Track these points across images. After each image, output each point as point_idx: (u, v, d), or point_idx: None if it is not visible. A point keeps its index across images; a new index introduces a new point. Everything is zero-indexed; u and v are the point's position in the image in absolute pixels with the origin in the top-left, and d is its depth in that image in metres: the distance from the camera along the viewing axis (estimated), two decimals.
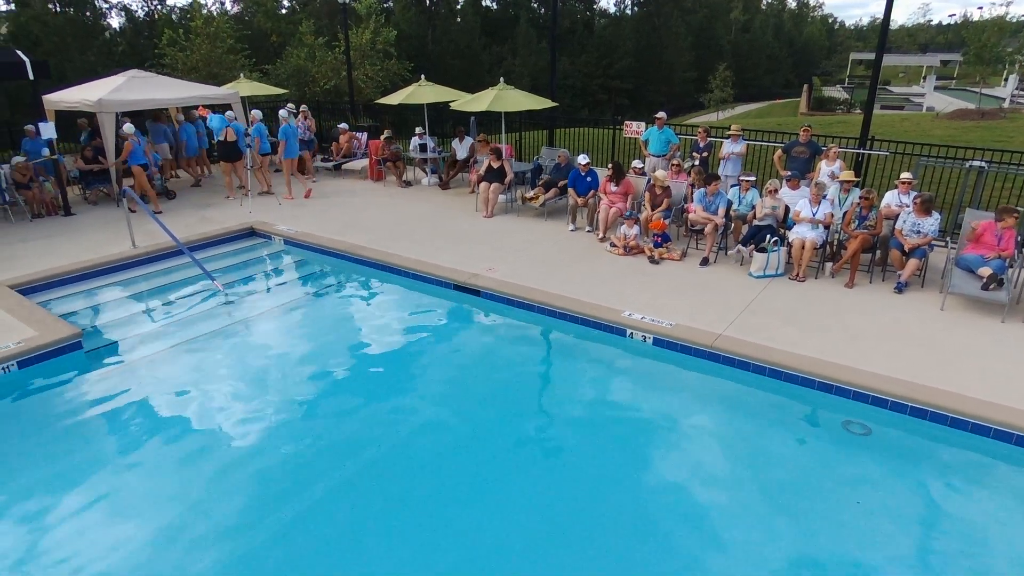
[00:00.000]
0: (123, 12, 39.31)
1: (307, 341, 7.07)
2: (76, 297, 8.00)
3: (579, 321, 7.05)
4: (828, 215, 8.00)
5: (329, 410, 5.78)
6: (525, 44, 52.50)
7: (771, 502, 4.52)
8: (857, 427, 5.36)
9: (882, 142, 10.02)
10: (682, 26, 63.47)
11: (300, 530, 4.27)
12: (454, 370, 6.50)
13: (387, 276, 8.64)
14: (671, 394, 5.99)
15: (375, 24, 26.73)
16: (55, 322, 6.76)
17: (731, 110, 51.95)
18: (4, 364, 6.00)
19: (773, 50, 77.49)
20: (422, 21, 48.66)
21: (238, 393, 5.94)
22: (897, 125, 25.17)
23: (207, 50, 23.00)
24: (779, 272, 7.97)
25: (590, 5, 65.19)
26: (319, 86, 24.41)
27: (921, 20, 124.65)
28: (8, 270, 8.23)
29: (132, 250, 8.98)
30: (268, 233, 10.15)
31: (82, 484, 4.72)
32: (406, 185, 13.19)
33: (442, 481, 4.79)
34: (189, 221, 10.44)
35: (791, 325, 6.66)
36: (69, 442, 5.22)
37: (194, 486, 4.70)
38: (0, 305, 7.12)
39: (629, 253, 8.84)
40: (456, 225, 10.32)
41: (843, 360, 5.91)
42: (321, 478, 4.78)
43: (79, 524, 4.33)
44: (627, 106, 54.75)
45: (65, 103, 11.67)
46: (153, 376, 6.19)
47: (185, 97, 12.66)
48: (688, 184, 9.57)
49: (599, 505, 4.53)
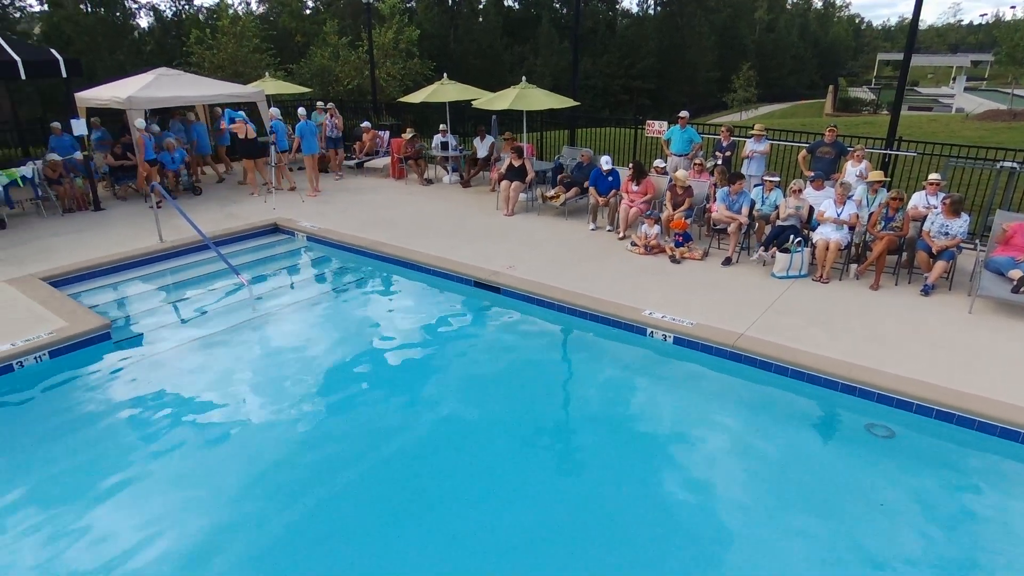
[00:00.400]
0: (151, 12, 40.02)
1: (329, 336, 7.15)
2: (105, 289, 8.18)
3: (599, 319, 7.04)
4: (853, 216, 7.90)
5: (350, 404, 5.84)
6: (547, 44, 52.45)
7: (792, 504, 4.48)
8: (880, 430, 5.29)
9: (910, 143, 9.86)
10: (705, 25, 62.92)
11: (320, 520, 4.34)
12: (474, 366, 6.53)
13: (408, 272, 8.71)
14: (692, 394, 5.96)
15: (398, 24, 26.90)
16: (85, 313, 6.92)
17: (754, 110, 51.40)
18: (36, 353, 6.17)
19: (798, 50, 76.48)
20: (444, 20, 48.83)
21: (261, 386, 6.03)
22: (925, 126, 24.74)
23: (233, 49, 23.31)
24: (802, 273, 7.88)
25: (612, 5, 64.92)
26: (342, 85, 24.61)
27: (951, 20, 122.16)
28: (41, 263, 8.44)
29: (159, 244, 9.16)
30: (291, 229, 10.28)
31: (109, 470, 4.82)
32: (427, 183, 13.27)
33: (461, 476, 4.82)
34: (215, 217, 10.61)
35: (814, 326, 6.59)
36: (97, 430, 5.35)
37: (216, 474, 4.79)
38: (33, 296, 7.31)
39: (650, 252, 8.81)
40: (477, 223, 10.36)
41: (867, 362, 5.84)
42: (341, 470, 4.84)
43: (106, 508, 4.43)
44: (649, 106, 54.41)
45: (96, 101, 11.92)
46: (179, 367, 6.31)
47: (211, 95, 12.88)
48: (711, 184, 9.51)
49: (619, 504, 4.52)
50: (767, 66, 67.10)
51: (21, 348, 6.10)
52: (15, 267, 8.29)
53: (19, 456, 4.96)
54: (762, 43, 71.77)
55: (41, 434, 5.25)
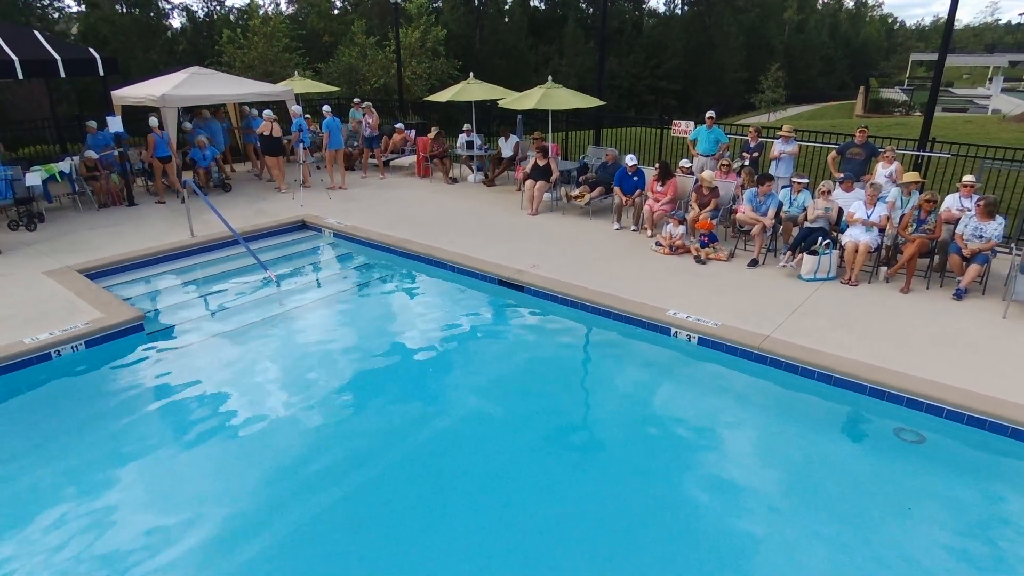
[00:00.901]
0: (184, 12, 40.85)
1: (354, 331, 7.25)
2: (138, 282, 8.39)
3: (623, 319, 7.03)
4: (883, 217, 7.77)
5: (374, 398, 5.92)
6: (572, 44, 52.30)
7: (818, 508, 4.43)
8: (910, 434, 5.21)
9: (943, 144, 9.67)
10: (733, 25, 62.20)
11: (345, 511, 4.41)
12: (497, 364, 6.56)
13: (433, 270, 8.78)
14: (716, 395, 5.93)
15: (425, 24, 27.11)
16: (120, 305, 7.10)
17: (783, 111, 50.66)
18: (74, 343, 6.35)
19: (828, 51, 75.16)
20: (470, 20, 48.98)
21: (287, 379, 6.14)
22: (960, 127, 24.19)
23: (263, 48, 23.72)
24: (830, 275, 7.78)
25: (639, 5, 64.52)
26: (369, 84, 24.89)
27: (988, 19, 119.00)
28: (77, 255, 8.68)
29: (191, 239, 9.36)
30: (319, 226, 10.43)
31: (140, 456, 4.96)
32: (452, 182, 13.35)
33: (483, 471, 4.86)
34: (245, 213, 10.80)
35: (842, 329, 6.50)
36: (130, 418, 5.49)
37: (242, 464, 4.89)
38: (70, 288, 7.53)
39: (675, 253, 8.76)
40: (501, 222, 10.40)
41: (896, 366, 5.74)
42: (366, 463, 4.91)
43: (136, 493, 4.57)
44: (674, 107, 53.98)
45: (131, 99, 12.20)
46: (208, 359, 6.45)
47: (242, 93, 13.11)
48: (737, 184, 9.42)
49: (642, 503, 4.51)
50: (796, 67, 66.09)
51: (59, 337, 6.29)
52: (53, 259, 8.54)
53: (57, 441, 5.12)
54: (791, 43, 70.69)
55: (77, 421, 5.41)
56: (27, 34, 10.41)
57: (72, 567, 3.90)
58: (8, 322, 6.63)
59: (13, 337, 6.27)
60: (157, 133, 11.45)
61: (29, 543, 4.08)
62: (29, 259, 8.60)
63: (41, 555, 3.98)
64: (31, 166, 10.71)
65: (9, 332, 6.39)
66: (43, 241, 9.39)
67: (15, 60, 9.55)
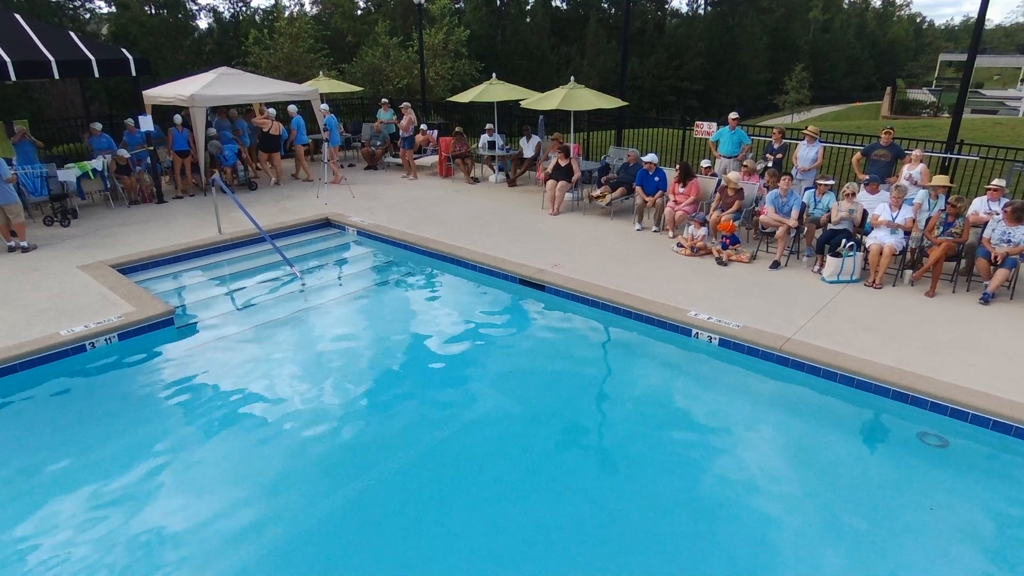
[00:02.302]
0: (211, 13, 41.53)
1: (377, 327, 7.36)
2: (168, 277, 8.59)
3: (643, 319, 7.05)
4: (909, 220, 7.69)
5: (395, 395, 6.01)
6: (594, 44, 52.22)
7: (840, 511, 4.42)
8: (933, 439, 5.17)
9: (972, 146, 9.53)
10: (757, 26, 61.61)
11: (365, 505, 4.49)
12: (517, 362, 6.63)
13: (455, 268, 8.87)
14: (736, 396, 5.92)
15: (448, 25, 27.26)
16: (151, 299, 7.29)
17: (806, 112, 50.09)
18: (107, 335, 6.54)
19: (854, 51, 74.08)
20: (492, 21, 49.13)
21: (311, 373, 6.26)
22: (989, 129, 23.72)
23: (289, 49, 24.02)
24: (854, 278, 7.72)
25: (661, 5, 64.22)
26: (392, 84, 25.09)
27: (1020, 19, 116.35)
28: (109, 250, 8.92)
29: (219, 236, 9.56)
30: (342, 224, 10.58)
31: (170, 447, 5.11)
32: (474, 182, 13.44)
33: (501, 469, 4.92)
34: (270, 211, 10.99)
35: (865, 332, 6.46)
36: (159, 408, 5.65)
37: (265, 457, 5.00)
38: (103, 282, 7.74)
39: (696, 254, 8.75)
40: (522, 221, 10.46)
41: (920, 369, 5.70)
42: (386, 457, 5.00)
43: (163, 482, 4.71)
44: (696, 108, 53.67)
45: (161, 98, 12.47)
46: (235, 353, 6.60)
47: (269, 93, 13.32)
48: (760, 186, 9.38)
49: (661, 504, 4.52)
50: (821, 67, 65.32)
51: (93, 330, 6.48)
52: (87, 254, 8.78)
53: (91, 429, 5.29)
54: (816, 44, 69.84)
55: (108, 410, 5.58)
56: (63, 35, 10.70)
57: (102, 550, 4.03)
58: (45, 314, 6.85)
59: (50, 329, 6.48)
60: (177, 128, 11.82)
61: (61, 526, 4.23)
62: (64, 253, 8.85)
63: (71, 536, 4.13)
64: (65, 163, 11.02)
65: (46, 324, 6.60)
66: (77, 236, 9.66)
67: (52, 60, 9.83)
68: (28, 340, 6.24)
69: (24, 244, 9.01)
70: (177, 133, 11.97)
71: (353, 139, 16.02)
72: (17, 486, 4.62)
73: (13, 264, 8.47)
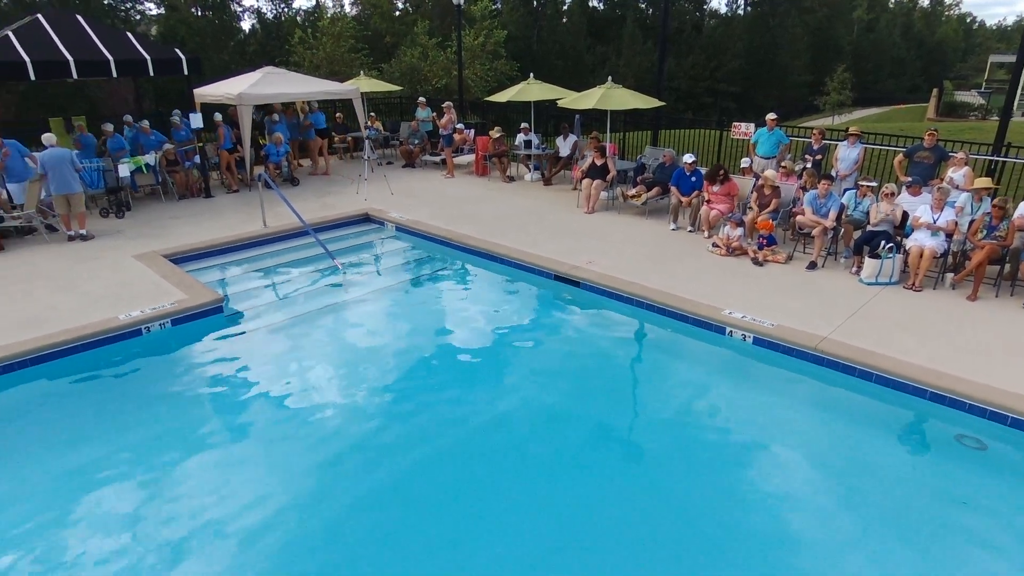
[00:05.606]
0: (255, 15, 42.58)
1: (414, 320, 7.57)
2: (216, 268, 8.95)
3: (677, 317, 7.11)
4: (951, 222, 7.59)
5: (432, 384, 6.19)
6: (630, 44, 51.89)
7: (874, 513, 4.41)
8: (971, 442, 5.14)
9: (1020, 149, 9.32)
10: (799, 26, 60.43)
11: (397, 493, 4.65)
12: (550, 357, 6.74)
13: (490, 264, 9.03)
14: (771, 395, 5.95)
15: (488, 26, 27.52)
16: (201, 288, 7.62)
17: (848, 114, 48.97)
18: (161, 321, 6.88)
19: (899, 51, 72.06)
20: (528, 22, 49.27)
21: (350, 362, 6.51)
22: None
23: (331, 49, 24.54)
24: (893, 280, 7.65)
25: (700, 6, 63.49)
26: (431, 84, 25.44)
27: None
28: (161, 241, 9.33)
29: (264, 229, 9.90)
30: (382, 219, 10.84)
31: (216, 426, 5.41)
32: (510, 180, 13.60)
33: (534, 460, 5.02)
34: (312, 206, 11.32)
35: (903, 333, 6.41)
36: (207, 390, 5.96)
37: (302, 443, 5.21)
38: (156, 271, 8.12)
39: (731, 254, 8.75)
40: (558, 219, 10.58)
41: (959, 372, 5.65)
42: (419, 446, 5.18)
43: (209, 462, 4.99)
44: (734, 109, 52.91)
45: (210, 96, 12.93)
46: (279, 340, 6.88)
47: (312, 92, 13.69)
48: (798, 187, 9.32)
49: (691, 504, 4.54)
50: (864, 68, 63.69)
51: (149, 315, 6.83)
52: (141, 244, 9.20)
53: (147, 410, 5.60)
54: (860, 44, 68.15)
55: (166, 392, 5.89)
56: (120, 35, 11.20)
57: (148, 524, 4.30)
58: (104, 300, 7.23)
59: (109, 313, 6.85)
60: (225, 127, 12.38)
61: (116, 499, 4.52)
62: (120, 243, 9.29)
63: (117, 510, 4.41)
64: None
65: (105, 309, 6.98)
66: (131, 228, 10.11)
67: (110, 60, 10.31)
68: (91, 323, 6.62)
69: (83, 232, 9.50)
70: (226, 130, 12.41)
71: (391, 137, 16.35)
72: (78, 453, 4.95)
73: (74, 253, 8.93)
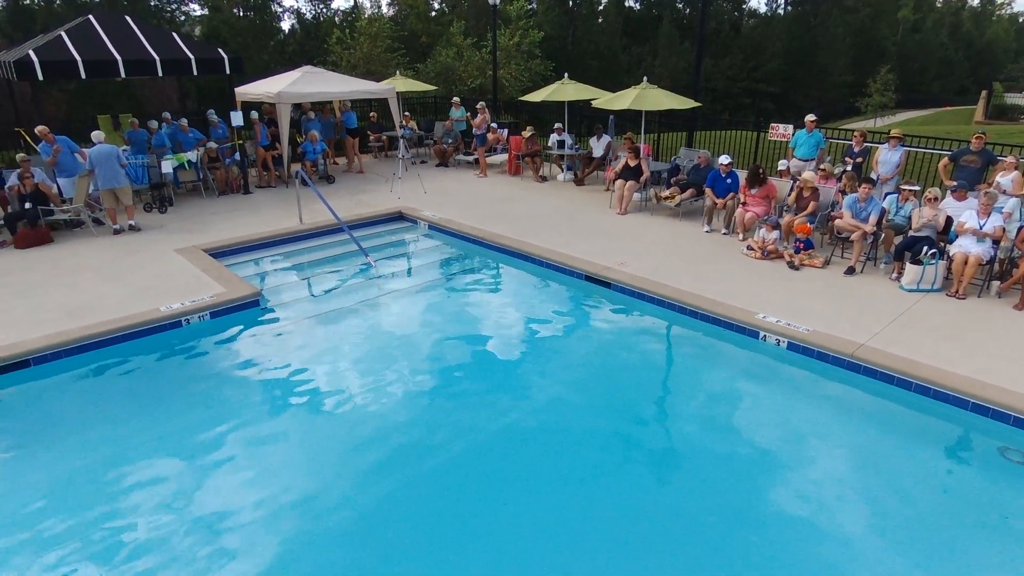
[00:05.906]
0: (295, 15, 43.43)
1: (445, 317, 7.63)
2: (253, 262, 9.17)
3: (710, 320, 7.03)
4: (998, 228, 7.34)
5: (461, 382, 6.24)
6: (667, 45, 51.40)
7: (911, 527, 4.29)
8: (1016, 455, 4.97)
9: None
10: (841, 26, 59.02)
11: (423, 490, 4.69)
12: (581, 357, 6.73)
13: (522, 264, 9.06)
14: (804, 402, 5.84)
15: (523, 26, 27.56)
16: (239, 282, 7.81)
17: (891, 117, 47.73)
18: (200, 313, 7.07)
19: (946, 52, 69.84)
20: (563, 22, 49.17)
21: (381, 357, 6.58)
22: None
23: (368, 49, 24.88)
24: (935, 287, 7.43)
25: (738, 5, 62.54)
26: (466, 84, 25.59)
27: None
28: (201, 236, 9.59)
29: (300, 226, 10.10)
30: (415, 218, 10.96)
31: (252, 416, 5.53)
32: (542, 180, 13.61)
33: (558, 461, 5.01)
34: (347, 204, 11.49)
35: (945, 342, 6.23)
36: (244, 381, 6.10)
37: (334, 433, 5.33)
38: (197, 265, 8.34)
39: (767, 257, 8.62)
40: (590, 220, 10.55)
41: (1004, 383, 5.47)
42: (449, 443, 5.23)
43: (248, 447, 5.11)
44: (772, 110, 51.95)
45: (251, 95, 13.24)
46: (313, 334, 7.01)
47: (349, 91, 13.91)
48: (837, 190, 9.13)
49: (721, 510, 4.46)
50: (909, 69, 61.93)
51: (189, 307, 7.03)
52: (182, 238, 9.47)
53: (184, 395, 5.78)
54: (905, 45, 66.25)
55: (204, 381, 6.06)
56: (167, 35, 11.54)
57: (184, 503, 4.43)
58: (147, 292, 7.46)
59: (151, 305, 7.07)
60: (262, 125, 12.67)
61: (156, 480, 4.67)
62: (162, 237, 9.58)
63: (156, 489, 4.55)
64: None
65: (148, 300, 7.20)
66: (173, 222, 10.41)
67: (157, 59, 10.63)
68: (135, 313, 6.85)
69: (132, 223, 9.90)
70: (263, 127, 12.68)
71: (426, 136, 16.50)
72: (122, 435, 5.13)
73: (119, 246, 9.24)
